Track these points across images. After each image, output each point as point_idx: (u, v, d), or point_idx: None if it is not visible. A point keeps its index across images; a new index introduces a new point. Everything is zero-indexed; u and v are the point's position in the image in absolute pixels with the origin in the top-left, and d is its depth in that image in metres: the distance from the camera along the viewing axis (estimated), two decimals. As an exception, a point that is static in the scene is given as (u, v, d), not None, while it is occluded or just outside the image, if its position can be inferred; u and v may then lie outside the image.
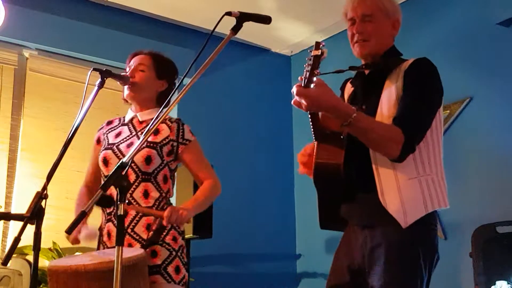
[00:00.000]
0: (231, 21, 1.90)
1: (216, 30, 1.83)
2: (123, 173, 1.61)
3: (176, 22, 4.43)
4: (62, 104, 4.04)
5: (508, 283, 2.84)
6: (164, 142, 2.35)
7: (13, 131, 3.83)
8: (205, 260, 4.08)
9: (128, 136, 2.39)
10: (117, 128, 2.45)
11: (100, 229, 2.39)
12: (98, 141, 2.47)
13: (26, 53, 3.94)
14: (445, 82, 4.04)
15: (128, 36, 4.14)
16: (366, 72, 2.10)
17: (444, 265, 2.05)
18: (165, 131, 2.37)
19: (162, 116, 1.78)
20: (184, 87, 1.79)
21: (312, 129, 1.96)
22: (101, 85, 2.20)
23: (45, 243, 2.47)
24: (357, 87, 2.14)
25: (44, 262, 3.54)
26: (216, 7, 3.70)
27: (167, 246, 2.27)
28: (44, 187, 1.74)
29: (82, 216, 1.54)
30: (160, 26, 4.38)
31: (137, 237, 2.27)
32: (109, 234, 2.31)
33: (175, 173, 2.45)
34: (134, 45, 4.23)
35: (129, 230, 2.27)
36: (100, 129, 2.50)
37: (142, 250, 2.15)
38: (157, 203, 2.31)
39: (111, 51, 4.11)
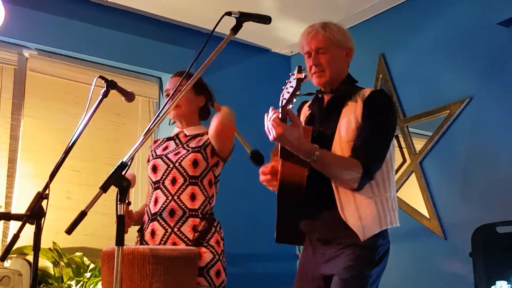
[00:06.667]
0: (231, 21, 1.90)
1: (216, 30, 1.84)
2: (123, 173, 1.61)
3: (176, 22, 4.43)
4: (62, 104, 4.03)
5: (508, 283, 2.84)
6: (206, 143, 2.50)
7: (13, 131, 3.82)
8: (205, 260, 4.07)
9: (175, 148, 2.55)
10: (164, 143, 2.62)
11: (141, 229, 2.48)
12: (148, 160, 2.61)
13: (26, 53, 3.93)
14: (445, 82, 4.05)
15: (128, 36, 4.14)
16: (327, 98, 2.26)
17: (444, 265, 2.05)
18: (205, 136, 2.54)
19: (163, 115, 1.79)
20: (184, 87, 1.79)
21: (279, 147, 2.11)
22: (105, 95, 2.24)
23: (45, 243, 2.47)
24: (315, 111, 2.31)
25: (44, 262, 3.54)
26: (216, 7, 3.70)
27: (211, 249, 2.34)
28: (45, 187, 1.74)
29: (82, 216, 1.53)
30: (160, 26, 4.37)
31: (183, 237, 2.34)
32: (153, 233, 2.38)
33: (218, 183, 2.56)
34: (134, 45, 4.25)
35: (175, 229, 2.34)
36: (150, 148, 2.67)
37: (194, 248, 2.25)
38: (202, 207, 2.41)
39: (111, 51, 4.10)
